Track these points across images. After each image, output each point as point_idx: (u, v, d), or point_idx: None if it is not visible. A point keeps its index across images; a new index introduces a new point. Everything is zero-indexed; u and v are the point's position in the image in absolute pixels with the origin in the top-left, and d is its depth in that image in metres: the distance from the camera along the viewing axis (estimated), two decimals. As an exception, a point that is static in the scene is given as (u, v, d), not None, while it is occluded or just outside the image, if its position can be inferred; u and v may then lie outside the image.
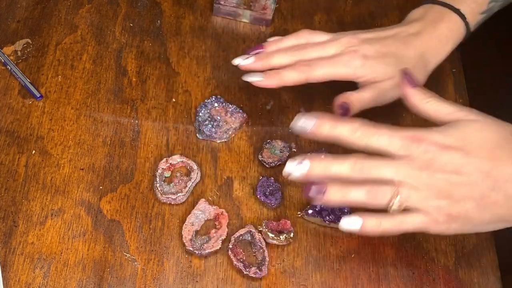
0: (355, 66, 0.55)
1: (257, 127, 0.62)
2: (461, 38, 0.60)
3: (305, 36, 0.58)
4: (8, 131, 0.59)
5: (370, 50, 0.56)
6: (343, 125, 0.47)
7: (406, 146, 0.46)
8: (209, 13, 0.70)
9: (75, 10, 0.68)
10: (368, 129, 0.47)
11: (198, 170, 0.58)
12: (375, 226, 0.47)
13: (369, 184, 0.46)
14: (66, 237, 0.54)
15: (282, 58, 0.57)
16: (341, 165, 0.46)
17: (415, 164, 0.46)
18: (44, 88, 0.62)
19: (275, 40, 0.59)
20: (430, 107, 0.49)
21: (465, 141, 0.46)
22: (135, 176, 0.58)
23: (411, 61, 0.57)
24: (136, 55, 0.66)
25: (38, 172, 0.57)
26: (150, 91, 0.64)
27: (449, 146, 0.46)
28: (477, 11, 0.60)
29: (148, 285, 0.53)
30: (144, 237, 0.55)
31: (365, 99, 0.56)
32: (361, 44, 0.56)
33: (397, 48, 0.57)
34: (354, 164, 0.46)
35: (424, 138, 0.46)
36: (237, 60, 0.57)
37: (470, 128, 0.46)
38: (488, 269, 0.57)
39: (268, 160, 0.59)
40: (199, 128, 0.60)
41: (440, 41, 0.58)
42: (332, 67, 0.55)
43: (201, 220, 0.56)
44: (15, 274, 0.52)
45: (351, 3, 0.73)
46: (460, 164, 0.45)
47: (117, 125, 0.61)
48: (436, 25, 0.58)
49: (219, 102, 0.61)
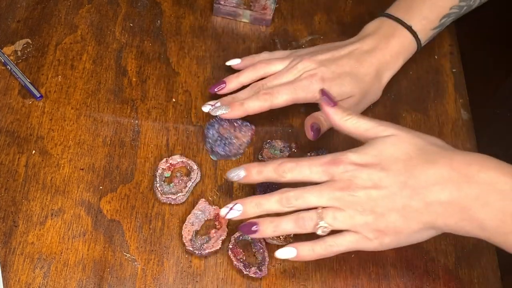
0: (314, 89, 0.57)
1: (257, 127, 0.62)
2: (412, 52, 0.63)
3: (262, 68, 0.60)
4: (8, 131, 0.59)
5: (327, 72, 0.58)
6: (267, 167, 0.51)
7: (326, 171, 0.49)
8: (209, 13, 0.70)
9: (75, 10, 0.68)
10: (290, 165, 0.50)
11: (198, 170, 0.58)
12: (309, 252, 0.49)
13: (296, 213, 0.49)
14: (66, 237, 0.54)
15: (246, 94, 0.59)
16: (270, 202, 0.50)
17: (336, 186, 0.48)
18: (44, 88, 0.62)
19: (235, 76, 0.61)
20: (350, 124, 0.51)
21: (381, 156, 0.48)
22: (135, 176, 0.58)
23: (367, 78, 0.59)
24: (136, 55, 0.66)
25: (38, 172, 0.57)
26: (150, 91, 0.64)
27: (366, 164, 0.48)
28: (429, 27, 0.62)
29: (148, 285, 0.53)
30: (144, 237, 0.55)
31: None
32: (318, 67, 0.58)
33: (351, 67, 0.59)
34: (281, 199, 0.49)
35: (342, 160, 0.49)
36: (206, 107, 0.59)
37: (386, 144, 0.49)
38: (488, 269, 0.57)
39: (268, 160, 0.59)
40: (212, 149, 0.59)
41: (392, 56, 0.61)
42: (293, 92, 0.58)
43: (201, 220, 0.56)
44: (15, 274, 0.52)
45: (351, 3, 0.73)
46: (378, 179, 0.47)
47: (117, 125, 0.61)
48: (388, 41, 0.61)
49: (224, 120, 0.60)
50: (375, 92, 0.61)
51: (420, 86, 0.67)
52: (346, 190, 0.48)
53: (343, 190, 0.48)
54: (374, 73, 0.60)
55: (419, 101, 0.66)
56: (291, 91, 0.57)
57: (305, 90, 0.57)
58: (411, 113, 0.65)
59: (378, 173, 0.47)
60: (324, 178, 0.49)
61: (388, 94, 0.65)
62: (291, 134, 0.62)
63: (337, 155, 0.49)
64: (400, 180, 0.47)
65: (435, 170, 0.47)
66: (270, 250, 0.55)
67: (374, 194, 0.47)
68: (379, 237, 0.48)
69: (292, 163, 0.50)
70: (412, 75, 0.67)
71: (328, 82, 0.57)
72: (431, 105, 0.66)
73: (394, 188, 0.47)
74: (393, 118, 0.64)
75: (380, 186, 0.47)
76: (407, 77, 0.67)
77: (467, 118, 0.65)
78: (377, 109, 0.65)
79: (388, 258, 0.56)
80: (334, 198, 0.48)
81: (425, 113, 0.65)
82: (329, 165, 0.49)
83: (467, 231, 0.47)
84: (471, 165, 0.46)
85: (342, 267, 0.55)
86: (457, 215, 0.46)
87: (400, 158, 0.48)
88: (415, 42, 0.61)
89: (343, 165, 0.48)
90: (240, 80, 0.60)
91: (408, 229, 0.48)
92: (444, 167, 0.46)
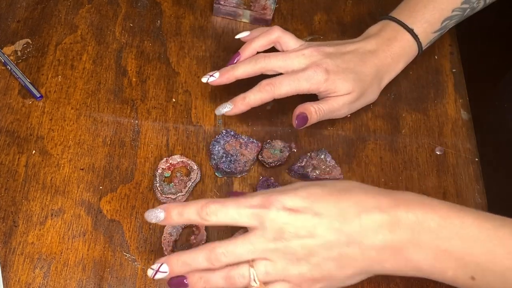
0: (318, 80, 0.57)
1: (257, 127, 0.62)
2: (413, 56, 0.63)
3: (276, 33, 0.60)
4: (8, 131, 0.59)
5: (332, 65, 0.58)
6: (189, 208, 0.47)
7: (255, 215, 0.46)
8: (209, 13, 0.70)
9: (75, 10, 0.68)
10: (214, 206, 0.46)
11: (198, 170, 0.58)
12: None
13: (226, 268, 0.46)
14: (66, 237, 0.54)
15: (245, 68, 0.58)
16: (197, 259, 0.46)
17: (268, 235, 0.45)
18: (44, 88, 0.62)
19: (248, 43, 0.60)
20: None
21: (311, 198, 0.46)
22: (135, 176, 0.58)
23: (368, 77, 0.59)
24: (136, 55, 0.66)
25: (38, 172, 0.57)
26: (150, 91, 0.64)
27: (298, 209, 0.46)
28: (430, 30, 0.62)
29: (148, 285, 0.53)
30: (144, 237, 0.55)
31: (323, 111, 0.58)
32: (324, 58, 0.58)
33: (355, 64, 0.59)
34: (210, 256, 0.46)
35: (272, 204, 0.46)
36: (204, 78, 0.59)
37: (314, 186, 0.47)
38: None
39: (268, 160, 0.59)
40: (217, 166, 0.58)
41: (393, 59, 0.61)
42: (296, 83, 0.57)
43: (178, 230, 0.55)
44: (15, 274, 0.52)
45: (351, 3, 0.73)
46: (312, 226, 0.45)
47: (117, 125, 0.61)
48: (390, 44, 0.61)
49: (230, 136, 0.60)
50: (372, 94, 0.61)
51: (420, 86, 0.67)
52: (279, 240, 0.45)
53: (276, 241, 0.45)
54: (375, 73, 0.60)
55: (419, 101, 0.66)
56: (294, 81, 0.57)
57: (308, 80, 0.57)
58: (411, 113, 0.65)
59: (311, 219, 0.45)
60: (253, 223, 0.46)
61: (388, 94, 0.65)
62: (291, 134, 0.62)
63: (267, 196, 0.46)
64: (334, 227, 0.45)
65: (367, 215, 0.45)
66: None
67: (309, 243, 0.45)
68: (312, 285, 0.46)
69: (217, 204, 0.46)
70: (412, 75, 0.67)
71: (332, 75, 0.57)
72: (431, 105, 0.66)
73: (329, 236, 0.45)
74: (393, 118, 0.64)
75: (315, 235, 0.45)
76: (407, 77, 0.67)
77: (467, 118, 0.65)
78: (377, 109, 0.65)
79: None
80: (267, 250, 0.45)
81: (425, 113, 0.65)
82: (259, 208, 0.46)
83: (405, 272, 0.46)
84: (398, 206, 0.45)
85: (342, 267, 0.55)
86: (392, 259, 0.45)
87: (330, 199, 0.46)
88: (416, 46, 0.62)
89: (274, 209, 0.45)
90: (253, 46, 0.60)
91: (342, 276, 0.46)
92: (375, 210, 0.45)
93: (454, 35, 0.71)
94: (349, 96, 0.58)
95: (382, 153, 0.62)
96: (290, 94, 0.58)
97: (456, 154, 0.62)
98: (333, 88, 0.57)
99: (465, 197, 0.60)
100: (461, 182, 0.61)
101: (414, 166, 0.61)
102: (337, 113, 0.59)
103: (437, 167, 0.61)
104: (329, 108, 0.58)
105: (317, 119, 0.58)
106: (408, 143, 0.63)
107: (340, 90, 0.58)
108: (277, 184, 0.58)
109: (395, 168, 0.61)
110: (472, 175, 0.61)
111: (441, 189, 0.60)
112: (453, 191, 0.60)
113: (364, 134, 0.63)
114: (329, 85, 0.57)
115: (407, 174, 0.61)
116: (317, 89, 0.57)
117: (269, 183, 0.58)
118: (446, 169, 0.61)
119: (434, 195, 0.59)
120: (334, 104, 0.58)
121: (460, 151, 0.63)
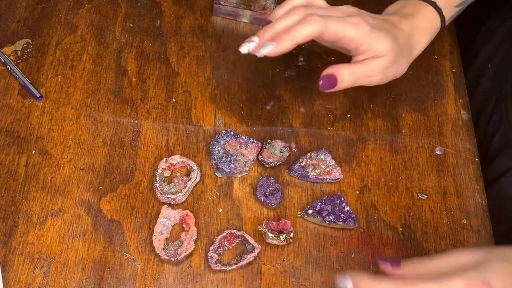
0: (364, 31, 0.54)
1: (257, 127, 0.62)
2: (437, 30, 0.61)
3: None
4: (8, 131, 0.59)
5: (373, 21, 0.56)
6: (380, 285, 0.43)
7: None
8: (209, 13, 0.70)
9: (75, 10, 0.68)
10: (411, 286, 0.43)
11: (198, 170, 0.58)
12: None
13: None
14: (66, 237, 0.54)
15: (286, 20, 0.53)
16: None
17: None
18: (44, 88, 0.62)
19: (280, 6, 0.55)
20: None
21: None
22: (135, 176, 0.58)
23: (402, 40, 0.57)
24: (136, 55, 0.66)
25: (38, 172, 0.57)
26: (150, 91, 0.64)
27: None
28: (452, 4, 0.61)
29: (148, 285, 0.53)
30: (144, 237, 0.55)
31: (356, 74, 0.55)
32: (362, 15, 0.55)
33: (391, 27, 0.57)
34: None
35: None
36: (243, 47, 0.53)
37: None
38: (488, 269, 0.57)
39: (268, 160, 0.59)
40: (217, 166, 0.58)
41: (419, 32, 0.59)
42: (344, 25, 0.53)
43: (168, 227, 0.55)
44: (15, 274, 0.52)
45: (351, 3, 0.73)
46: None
47: (117, 125, 0.61)
48: (413, 18, 0.59)
49: (230, 136, 0.60)
50: (402, 64, 0.58)
51: (420, 86, 0.67)
52: None
53: None
54: (406, 40, 0.57)
55: (419, 101, 0.66)
56: (342, 23, 0.53)
57: (356, 28, 0.53)
58: (411, 113, 0.65)
59: None
60: None
61: (388, 94, 0.65)
62: (291, 134, 0.62)
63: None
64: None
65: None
66: (270, 250, 0.55)
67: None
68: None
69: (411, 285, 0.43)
70: (412, 75, 0.67)
71: (375, 30, 0.54)
72: (431, 105, 0.66)
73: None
74: (393, 118, 0.64)
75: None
76: (407, 77, 0.67)
77: (467, 118, 0.65)
78: (377, 109, 0.65)
79: (388, 258, 0.56)
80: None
81: (425, 113, 0.65)
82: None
83: None
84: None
85: (342, 267, 0.55)
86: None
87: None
88: (439, 20, 0.60)
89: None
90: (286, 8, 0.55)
91: None
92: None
93: (454, 35, 0.71)
94: (385, 59, 0.55)
95: (382, 153, 0.62)
96: (336, 37, 0.53)
97: (456, 154, 0.62)
98: (375, 43, 0.54)
99: (465, 197, 0.60)
100: (461, 182, 0.61)
101: (414, 166, 0.61)
102: (371, 79, 0.56)
103: (437, 167, 0.61)
104: (364, 72, 0.55)
105: (349, 83, 0.54)
106: (408, 143, 0.63)
107: (379, 49, 0.54)
108: (277, 184, 0.58)
109: (395, 168, 0.61)
110: (472, 175, 0.61)
111: (441, 189, 0.60)
112: (453, 191, 0.60)
113: (364, 134, 0.63)
114: (373, 39, 0.54)
115: (407, 174, 0.61)
116: (362, 39, 0.53)
117: (269, 183, 0.58)
118: (446, 169, 0.61)
119: (434, 195, 0.59)
120: (371, 66, 0.55)
121: (460, 151, 0.63)
